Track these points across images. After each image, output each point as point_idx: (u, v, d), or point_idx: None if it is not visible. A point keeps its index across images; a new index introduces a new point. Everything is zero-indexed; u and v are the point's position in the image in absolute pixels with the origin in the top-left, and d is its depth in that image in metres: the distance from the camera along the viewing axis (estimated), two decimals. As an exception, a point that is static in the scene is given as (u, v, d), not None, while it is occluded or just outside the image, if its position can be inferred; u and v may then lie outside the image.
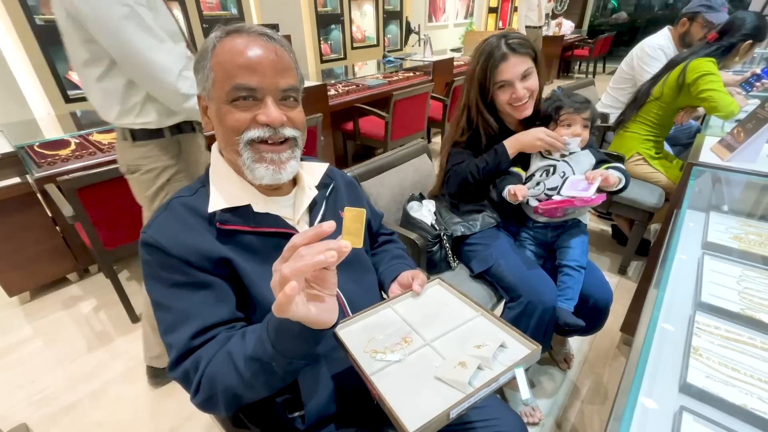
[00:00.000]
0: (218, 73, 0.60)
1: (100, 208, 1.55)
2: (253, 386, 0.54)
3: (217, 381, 0.55)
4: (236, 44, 0.60)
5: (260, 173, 0.63)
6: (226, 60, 0.59)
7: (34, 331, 1.78)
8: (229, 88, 0.59)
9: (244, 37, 0.60)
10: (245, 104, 0.60)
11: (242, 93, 0.59)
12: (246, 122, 0.60)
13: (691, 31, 2.09)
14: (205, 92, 0.63)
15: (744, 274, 0.83)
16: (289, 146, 0.65)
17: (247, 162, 0.62)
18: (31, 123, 2.26)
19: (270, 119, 0.60)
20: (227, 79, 0.59)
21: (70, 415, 1.40)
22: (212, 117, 0.65)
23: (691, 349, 0.66)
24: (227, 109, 0.61)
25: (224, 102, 0.61)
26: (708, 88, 1.56)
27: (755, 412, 0.55)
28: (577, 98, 1.14)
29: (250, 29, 0.62)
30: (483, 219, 1.27)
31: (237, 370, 0.54)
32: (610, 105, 2.40)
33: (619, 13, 8.13)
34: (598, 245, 2.27)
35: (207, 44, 0.62)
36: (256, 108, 0.61)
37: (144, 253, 0.61)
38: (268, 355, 0.51)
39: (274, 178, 0.63)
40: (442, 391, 0.55)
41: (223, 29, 0.62)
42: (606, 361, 1.53)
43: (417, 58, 4.10)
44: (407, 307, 0.73)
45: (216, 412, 0.60)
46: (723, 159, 1.23)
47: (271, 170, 0.63)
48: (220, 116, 0.62)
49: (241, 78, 0.59)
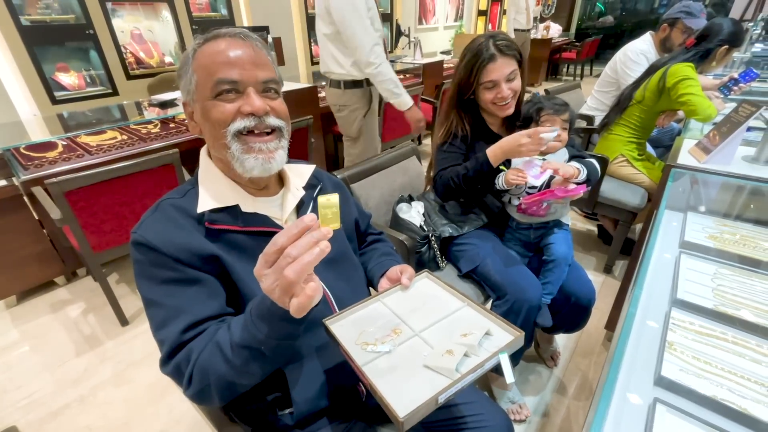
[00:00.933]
0: (200, 74, 0.62)
1: (89, 210, 1.54)
2: (245, 372, 0.56)
3: (209, 371, 0.56)
4: (214, 46, 0.63)
5: (250, 164, 0.64)
6: (207, 61, 0.62)
7: (21, 335, 1.76)
8: (211, 84, 0.61)
9: (220, 40, 0.63)
10: (228, 97, 0.62)
11: (225, 86, 0.62)
12: (231, 114, 0.62)
13: (671, 36, 2.15)
14: (189, 96, 0.65)
15: (718, 272, 0.86)
16: (276, 136, 0.66)
17: (236, 154, 0.63)
18: (17, 125, 2.24)
19: (254, 108, 0.62)
20: (209, 77, 0.62)
21: (58, 419, 1.38)
22: (198, 118, 0.66)
23: (667, 344, 0.68)
24: (212, 104, 0.62)
25: (208, 98, 0.62)
26: (687, 92, 1.61)
27: (725, 403, 0.57)
28: (556, 101, 1.17)
29: (226, 32, 0.64)
30: (470, 220, 1.29)
31: (226, 359, 0.55)
32: (595, 107, 2.45)
33: (606, 17, 8.28)
34: (584, 245, 2.31)
35: (187, 52, 0.65)
36: (240, 100, 0.63)
37: (135, 252, 0.62)
38: (255, 340, 0.53)
39: (264, 168, 0.65)
40: (431, 379, 0.57)
41: (201, 37, 0.65)
42: (591, 358, 1.57)
43: (407, 61, 4.13)
44: (396, 300, 0.75)
45: (210, 402, 0.61)
46: (700, 161, 1.27)
47: (260, 160, 0.64)
48: (206, 113, 0.63)
49: (222, 73, 0.61)
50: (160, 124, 2.26)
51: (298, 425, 0.72)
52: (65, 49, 2.96)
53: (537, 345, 1.56)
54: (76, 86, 3.15)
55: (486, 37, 1.14)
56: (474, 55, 1.13)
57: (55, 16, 2.88)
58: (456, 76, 1.20)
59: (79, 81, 3.17)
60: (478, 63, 1.13)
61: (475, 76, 1.14)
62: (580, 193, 1.04)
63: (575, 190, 1.03)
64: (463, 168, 1.17)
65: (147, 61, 3.40)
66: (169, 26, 3.56)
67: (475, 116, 1.26)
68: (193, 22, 3.64)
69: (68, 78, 3.11)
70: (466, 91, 1.19)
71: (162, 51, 3.47)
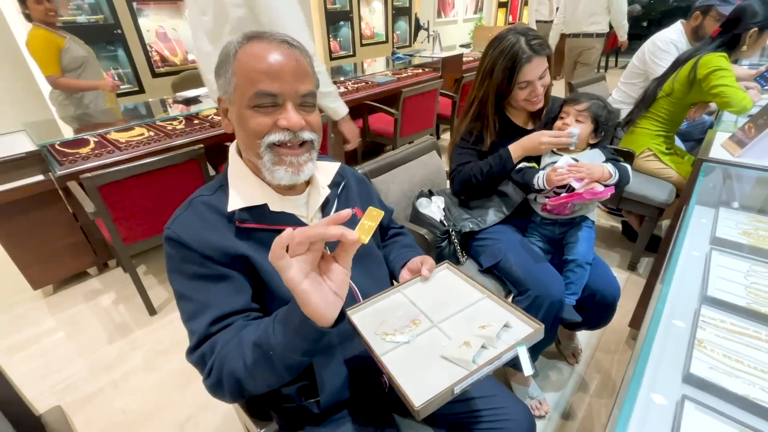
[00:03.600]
0: (240, 78, 0.62)
1: (120, 204, 1.60)
2: (252, 375, 0.57)
3: (225, 364, 0.58)
4: (257, 50, 0.62)
5: (279, 175, 0.66)
6: (248, 66, 0.62)
7: (57, 323, 1.85)
8: (251, 94, 0.62)
9: (265, 44, 0.63)
10: (266, 110, 0.63)
11: (264, 100, 0.62)
12: (267, 126, 0.63)
13: (704, 24, 2.06)
14: (227, 96, 0.66)
15: (752, 269, 0.83)
16: (307, 149, 0.67)
17: (267, 164, 0.65)
18: (51, 122, 2.33)
19: (291, 124, 0.63)
20: (249, 85, 0.62)
21: (93, 402, 1.46)
22: (233, 120, 0.67)
23: (696, 342, 0.67)
24: (249, 114, 0.63)
25: (246, 107, 0.63)
26: (720, 84, 1.55)
27: (757, 402, 0.56)
28: (577, 94, 1.17)
29: (271, 35, 0.64)
30: (492, 214, 1.28)
31: (243, 354, 0.57)
32: (621, 101, 2.38)
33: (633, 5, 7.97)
34: (608, 241, 2.26)
35: (228, 50, 0.64)
36: (277, 113, 0.63)
37: (167, 247, 0.65)
38: (268, 344, 0.54)
39: (292, 179, 0.67)
40: (448, 369, 0.58)
41: (244, 35, 0.65)
42: (614, 356, 1.54)
43: (426, 55, 4.10)
44: (416, 291, 0.76)
45: (222, 396, 0.62)
46: (734, 155, 1.23)
47: (290, 172, 0.66)
48: (242, 120, 0.64)
49: (263, 84, 0.61)
50: (184, 120, 2.32)
51: (322, 414, 0.74)
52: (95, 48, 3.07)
53: (558, 342, 1.54)
54: (106, 85, 3.26)
55: (516, 35, 1.12)
56: (511, 57, 1.12)
57: (85, 17, 2.98)
58: (491, 79, 1.18)
59: (109, 79, 3.28)
60: (516, 66, 1.12)
61: (512, 78, 1.14)
62: (607, 195, 1.02)
63: (603, 193, 1.01)
64: (486, 164, 1.18)
65: (171, 59, 3.49)
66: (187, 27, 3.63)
67: (499, 112, 1.26)
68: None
69: (98, 77, 3.22)
70: (507, 95, 1.19)
71: (185, 49, 3.55)
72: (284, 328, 0.53)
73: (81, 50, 2.40)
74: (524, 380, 1.34)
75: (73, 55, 2.34)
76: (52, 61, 2.27)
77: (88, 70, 2.45)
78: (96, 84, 2.48)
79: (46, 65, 2.28)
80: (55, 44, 2.27)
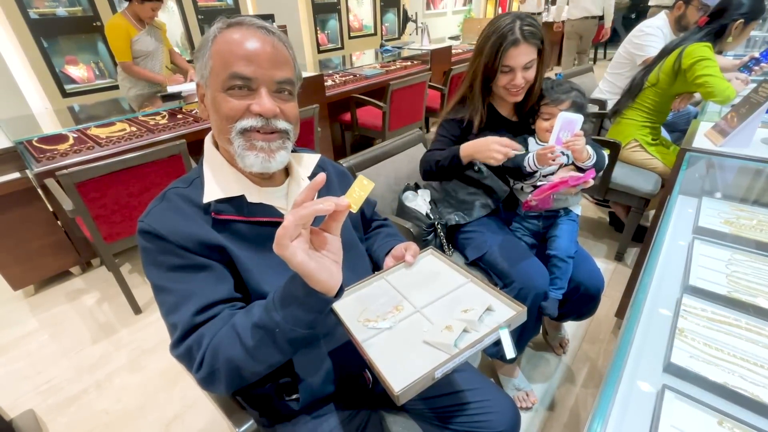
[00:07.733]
0: (216, 61, 0.61)
1: (100, 201, 1.56)
2: (254, 357, 0.55)
3: (219, 353, 0.57)
4: (236, 35, 0.61)
5: (250, 161, 0.64)
6: (225, 49, 0.61)
7: (40, 324, 1.81)
8: (225, 77, 0.60)
9: (243, 29, 0.62)
10: (240, 93, 0.61)
11: (237, 82, 0.60)
12: (240, 111, 0.61)
13: (686, 14, 2.07)
14: (203, 80, 0.64)
15: (733, 258, 0.84)
16: (280, 137, 0.66)
17: (238, 150, 0.63)
18: (29, 118, 2.27)
19: (263, 109, 0.61)
20: (224, 68, 0.60)
21: (77, 403, 1.43)
22: (208, 105, 0.66)
23: (677, 331, 0.67)
24: (222, 97, 0.62)
25: (220, 90, 0.62)
26: (704, 74, 1.55)
27: (736, 390, 0.56)
28: (560, 89, 1.13)
29: (250, 22, 0.63)
30: (477, 208, 1.28)
31: (241, 339, 0.55)
32: (608, 91, 2.38)
33: (622, -4, 7.99)
34: (595, 232, 2.28)
35: (208, 34, 0.63)
36: (251, 98, 0.62)
37: (143, 240, 0.63)
38: (273, 322, 0.53)
39: (263, 166, 0.64)
40: (430, 354, 0.57)
41: (224, 21, 0.63)
42: (601, 346, 1.56)
43: (415, 47, 4.07)
44: (400, 277, 0.75)
45: (217, 387, 0.61)
46: (716, 144, 1.23)
47: (260, 158, 0.64)
48: (216, 104, 0.63)
49: (237, 67, 0.60)
50: (167, 115, 2.27)
51: (304, 410, 0.73)
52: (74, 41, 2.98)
53: (545, 332, 1.55)
54: (86, 79, 3.18)
55: (513, 17, 1.09)
56: (499, 37, 1.09)
57: (62, 9, 2.89)
58: (482, 57, 1.14)
59: (88, 73, 3.20)
60: (502, 46, 1.08)
61: (498, 59, 1.10)
62: (590, 179, 1.01)
63: (586, 176, 1.00)
64: (441, 156, 1.18)
65: (154, 52, 3.40)
66: (174, 17, 3.56)
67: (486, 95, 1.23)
68: (198, 12, 3.63)
69: (77, 71, 3.14)
70: (492, 76, 1.14)
71: (169, 42, 3.47)
72: (288, 304, 0.53)
73: (151, 44, 2.56)
74: (511, 371, 1.34)
75: (137, 47, 2.52)
76: (122, 49, 2.47)
77: (148, 61, 2.62)
78: (154, 77, 2.64)
79: (117, 52, 2.49)
80: (127, 33, 2.44)
